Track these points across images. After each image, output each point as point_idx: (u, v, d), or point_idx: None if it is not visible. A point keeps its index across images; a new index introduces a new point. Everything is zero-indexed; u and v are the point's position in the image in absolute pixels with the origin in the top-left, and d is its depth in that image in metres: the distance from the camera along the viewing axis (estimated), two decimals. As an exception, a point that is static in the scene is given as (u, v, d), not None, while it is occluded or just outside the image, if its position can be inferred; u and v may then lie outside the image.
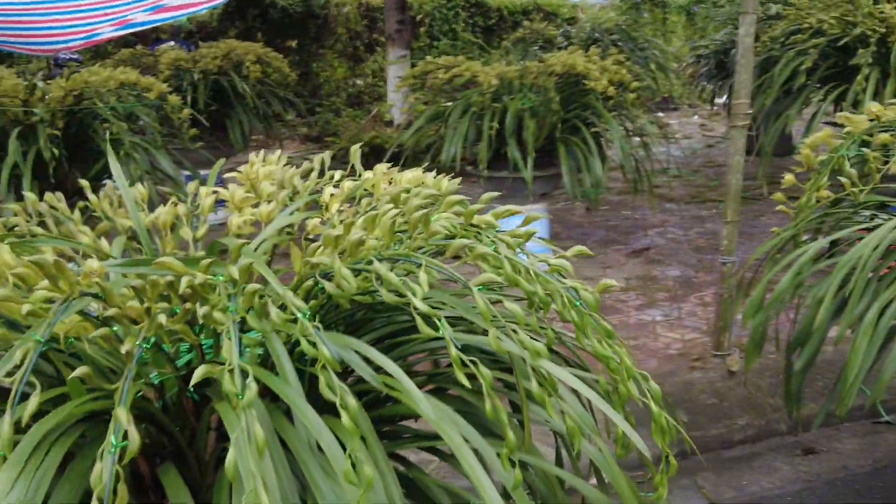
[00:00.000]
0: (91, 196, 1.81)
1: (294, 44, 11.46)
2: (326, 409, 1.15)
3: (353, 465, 1.05)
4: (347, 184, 1.75)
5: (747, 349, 2.66)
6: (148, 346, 1.12)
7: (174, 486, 1.24)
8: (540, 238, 1.59)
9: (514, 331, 1.20)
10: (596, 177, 4.57)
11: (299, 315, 1.12)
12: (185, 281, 1.13)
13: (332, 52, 11.62)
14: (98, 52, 10.06)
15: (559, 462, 1.71)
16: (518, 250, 1.44)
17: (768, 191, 4.90)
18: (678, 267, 5.21)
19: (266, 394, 1.33)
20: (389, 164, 1.79)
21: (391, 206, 1.42)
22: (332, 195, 1.72)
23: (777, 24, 5.83)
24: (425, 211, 1.31)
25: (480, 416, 1.27)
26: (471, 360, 1.16)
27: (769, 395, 3.52)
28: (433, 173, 1.76)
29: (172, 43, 9.50)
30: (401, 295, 1.22)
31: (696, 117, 11.64)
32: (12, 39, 5.80)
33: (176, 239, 1.73)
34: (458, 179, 1.74)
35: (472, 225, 1.42)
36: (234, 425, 1.00)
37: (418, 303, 1.17)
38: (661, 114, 11.42)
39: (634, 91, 4.73)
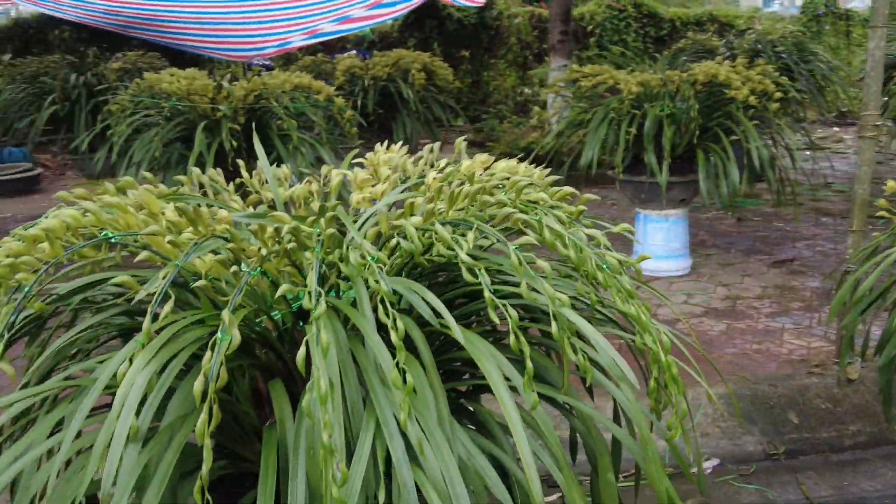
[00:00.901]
0: (244, 174, 2.24)
1: (467, 53, 11.96)
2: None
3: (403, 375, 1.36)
4: (448, 169, 2.08)
5: (841, 348, 2.75)
6: (254, 273, 1.48)
7: (279, 397, 1.58)
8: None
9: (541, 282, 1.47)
10: (734, 185, 4.66)
11: (369, 259, 1.44)
12: (286, 227, 1.48)
13: (503, 62, 12.03)
14: (289, 59, 10.94)
15: (617, 422, 1.94)
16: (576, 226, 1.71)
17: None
18: (819, 279, 5.18)
19: (354, 328, 1.66)
20: (486, 157, 2.10)
21: (466, 183, 1.73)
22: (434, 178, 2.04)
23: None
24: (480, 186, 1.61)
25: (537, 368, 1.53)
26: (501, 303, 1.44)
27: (886, 404, 3.53)
28: (525, 167, 2.06)
29: (354, 52, 10.17)
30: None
31: (873, 132, 11.15)
32: (213, 46, 6.54)
33: (308, 210, 2.12)
34: (548, 171, 2.03)
35: (531, 202, 1.70)
36: (308, 332, 1.34)
37: (463, 255, 1.46)
38: (836, 128, 11.07)
39: (778, 101, 4.77)
